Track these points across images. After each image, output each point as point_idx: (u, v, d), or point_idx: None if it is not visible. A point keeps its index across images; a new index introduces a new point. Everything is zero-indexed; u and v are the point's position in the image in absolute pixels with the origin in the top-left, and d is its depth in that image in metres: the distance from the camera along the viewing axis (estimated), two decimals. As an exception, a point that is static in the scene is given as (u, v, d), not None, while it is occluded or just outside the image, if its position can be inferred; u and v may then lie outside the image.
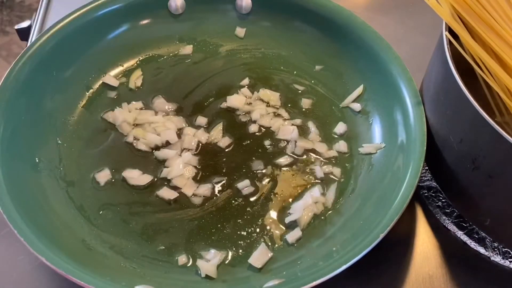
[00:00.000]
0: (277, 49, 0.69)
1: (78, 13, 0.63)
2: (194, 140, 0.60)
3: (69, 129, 0.61)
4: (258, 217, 0.55)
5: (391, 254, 0.54)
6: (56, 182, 0.57)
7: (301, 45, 0.68)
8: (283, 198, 0.57)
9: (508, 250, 0.54)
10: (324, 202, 0.56)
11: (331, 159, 0.60)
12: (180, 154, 0.59)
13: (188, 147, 0.60)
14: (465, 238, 0.55)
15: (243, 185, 0.57)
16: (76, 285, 0.46)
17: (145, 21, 0.68)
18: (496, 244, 0.54)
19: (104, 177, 0.58)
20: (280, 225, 0.55)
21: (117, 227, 0.54)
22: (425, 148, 0.53)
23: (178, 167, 0.58)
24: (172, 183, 0.57)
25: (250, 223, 0.55)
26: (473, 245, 0.55)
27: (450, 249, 0.55)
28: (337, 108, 0.64)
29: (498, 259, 0.54)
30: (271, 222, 0.55)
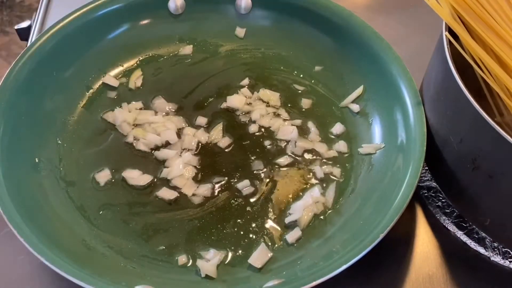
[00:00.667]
0: (277, 49, 0.69)
1: (78, 13, 0.63)
2: (194, 140, 0.60)
3: (69, 129, 0.61)
4: (258, 217, 0.55)
5: (391, 254, 0.54)
6: (56, 182, 0.57)
7: (301, 45, 0.68)
8: (283, 198, 0.57)
9: (508, 250, 0.54)
10: (324, 202, 0.56)
11: (331, 159, 0.60)
12: (180, 154, 0.59)
13: (188, 147, 0.60)
14: (465, 238, 0.55)
15: (243, 185, 0.57)
16: (76, 285, 0.46)
17: (145, 21, 0.68)
18: (496, 244, 0.54)
19: (104, 177, 0.58)
20: (280, 225, 0.55)
21: (117, 227, 0.54)
22: (425, 148, 0.53)
23: (178, 167, 0.58)
24: (172, 183, 0.57)
25: (250, 223, 0.55)
26: (473, 245, 0.55)
27: (450, 249, 0.55)
28: (337, 108, 0.64)
29: (498, 259, 0.54)
30: (271, 222, 0.55)
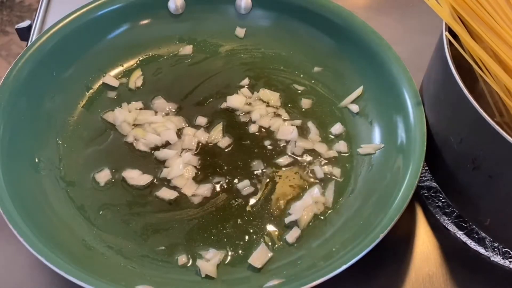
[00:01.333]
0: (277, 49, 0.68)
1: (78, 13, 0.63)
2: (194, 140, 0.60)
3: (69, 129, 0.61)
4: (258, 217, 0.55)
5: (391, 254, 0.54)
6: (56, 182, 0.57)
7: (301, 45, 0.68)
8: (283, 198, 0.57)
9: (508, 250, 0.54)
10: (324, 202, 0.56)
11: (331, 159, 0.60)
12: (180, 154, 0.59)
13: (188, 147, 0.60)
14: (465, 238, 0.55)
15: (243, 185, 0.57)
16: (76, 285, 0.46)
17: (145, 21, 0.68)
18: (496, 244, 0.54)
19: (104, 177, 0.58)
20: (280, 225, 0.55)
21: (117, 227, 0.54)
22: (425, 148, 0.53)
23: (178, 167, 0.58)
24: (172, 183, 0.57)
25: (250, 223, 0.55)
26: (473, 245, 0.55)
27: (450, 249, 0.55)
28: (337, 108, 0.64)
29: (498, 259, 0.54)
30: (271, 222, 0.55)
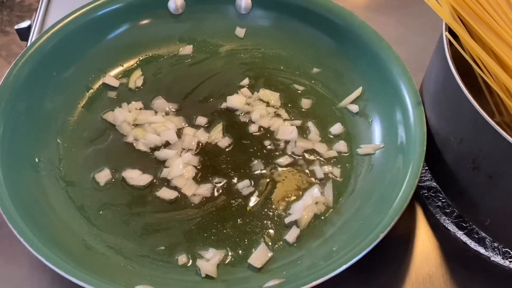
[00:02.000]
0: (277, 49, 0.68)
1: (78, 13, 0.63)
2: (194, 140, 0.60)
3: (69, 129, 0.61)
4: (257, 217, 0.55)
5: (391, 254, 0.54)
6: (56, 182, 0.57)
7: (301, 45, 0.68)
8: (283, 198, 0.57)
9: (508, 250, 0.54)
10: (324, 202, 0.56)
11: (331, 159, 0.60)
12: (180, 154, 0.59)
13: (188, 147, 0.60)
14: (465, 238, 0.55)
15: (243, 185, 0.57)
16: (76, 285, 0.46)
17: (145, 21, 0.68)
18: (496, 244, 0.54)
19: (104, 177, 0.58)
20: (280, 225, 0.55)
21: (117, 227, 0.54)
22: (425, 148, 0.53)
23: (178, 167, 0.58)
24: (172, 183, 0.57)
25: (250, 223, 0.55)
26: (473, 245, 0.55)
27: (450, 249, 0.55)
28: (337, 108, 0.64)
29: (498, 259, 0.54)
30: (271, 222, 0.55)
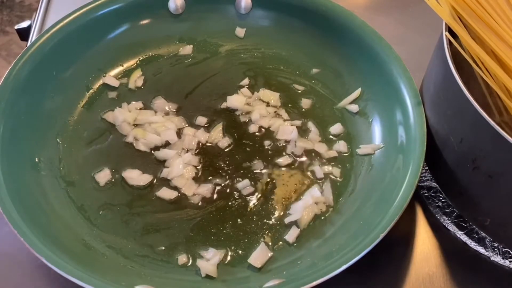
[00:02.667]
0: (277, 49, 0.69)
1: (78, 13, 0.63)
2: (194, 140, 0.60)
3: (69, 129, 0.61)
4: (257, 217, 0.55)
5: (391, 254, 0.54)
6: (56, 182, 0.57)
7: (301, 45, 0.68)
8: (282, 198, 0.57)
9: (508, 250, 0.54)
10: (324, 202, 0.56)
11: (331, 159, 0.60)
12: (180, 154, 0.59)
13: (188, 147, 0.60)
14: (465, 238, 0.55)
15: (243, 185, 0.57)
16: (76, 285, 0.46)
17: (145, 21, 0.68)
18: (496, 244, 0.54)
19: (104, 177, 0.58)
20: (280, 225, 0.55)
21: (117, 227, 0.54)
22: (425, 148, 0.53)
23: (178, 167, 0.58)
24: (172, 183, 0.57)
25: (249, 223, 0.55)
26: (473, 245, 0.55)
27: (450, 249, 0.55)
28: (337, 108, 0.64)
29: (498, 259, 0.54)
30: (271, 222, 0.55)
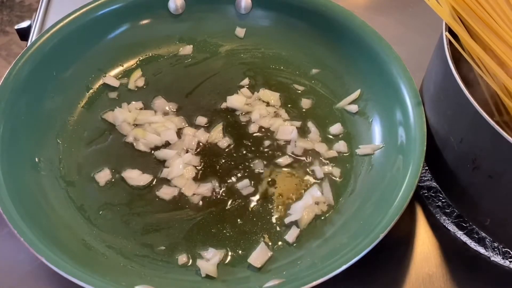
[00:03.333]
0: (277, 49, 0.69)
1: (78, 13, 0.63)
2: (194, 140, 0.60)
3: (69, 129, 0.61)
4: (257, 217, 0.55)
5: (391, 254, 0.54)
6: (56, 182, 0.57)
7: (301, 45, 0.68)
8: (283, 198, 0.57)
9: (508, 250, 0.54)
10: (325, 202, 0.56)
11: (331, 159, 0.60)
12: (180, 154, 0.59)
13: (188, 147, 0.60)
14: (465, 238, 0.55)
15: (243, 185, 0.57)
16: (76, 285, 0.46)
17: (145, 21, 0.68)
18: (496, 244, 0.54)
19: (104, 177, 0.58)
20: (280, 225, 0.55)
21: (117, 227, 0.54)
22: (425, 148, 0.53)
23: (178, 167, 0.58)
24: (172, 183, 0.57)
25: (249, 223, 0.55)
26: (473, 245, 0.55)
27: (450, 249, 0.55)
28: (337, 108, 0.64)
29: (498, 259, 0.54)
30: (271, 222, 0.55)
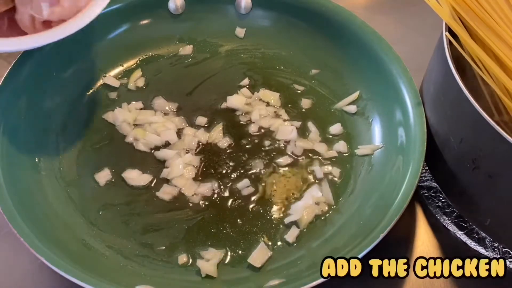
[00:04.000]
0: (277, 49, 0.69)
1: (78, 13, 0.63)
2: (195, 140, 0.60)
3: (69, 129, 0.61)
4: (257, 217, 0.55)
5: (391, 254, 0.54)
6: (56, 182, 0.57)
7: (301, 45, 0.68)
8: (282, 198, 0.57)
9: (508, 250, 0.54)
10: (325, 202, 0.56)
11: (331, 159, 0.60)
12: (181, 154, 0.59)
13: (188, 147, 0.60)
14: (465, 238, 0.55)
15: (243, 185, 0.57)
16: (76, 285, 0.46)
17: (145, 21, 0.68)
18: (496, 244, 0.54)
19: (104, 177, 0.58)
20: (280, 225, 0.55)
21: (117, 227, 0.54)
22: (425, 148, 0.53)
23: (178, 168, 0.58)
24: (172, 183, 0.57)
25: (249, 223, 0.55)
26: (473, 245, 0.55)
27: (450, 249, 0.55)
28: (336, 108, 0.64)
29: (498, 259, 0.54)
30: (271, 222, 0.55)
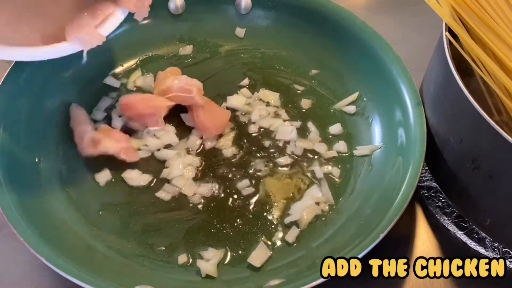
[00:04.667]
0: (277, 49, 0.69)
1: (78, 13, 0.63)
2: (199, 141, 0.60)
3: (69, 129, 0.61)
4: (257, 217, 0.55)
5: (391, 254, 0.54)
6: (56, 182, 0.57)
7: (301, 45, 0.68)
8: (282, 198, 0.57)
9: (508, 250, 0.54)
10: (325, 202, 0.56)
11: (331, 159, 0.60)
12: (181, 154, 0.59)
13: (191, 147, 0.60)
14: (465, 238, 0.55)
15: (243, 185, 0.57)
16: (76, 285, 0.46)
17: (145, 21, 0.68)
18: (496, 244, 0.54)
19: (104, 177, 0.58)
20: (280, 225, 0.55)
21: (117, 227, 0.54)
22: (425, 148, 0.53)
23: (178, 168, 0.58)
24: (172, 183, 0.57)
25: (249, 223, 0.55)
26: (473, 245, 0.55)
27: (450, 249, 0.55)
28: (336, 108, 0.64)
29: (498, 259, 0.54)
30: (271, 222, 0.55)
